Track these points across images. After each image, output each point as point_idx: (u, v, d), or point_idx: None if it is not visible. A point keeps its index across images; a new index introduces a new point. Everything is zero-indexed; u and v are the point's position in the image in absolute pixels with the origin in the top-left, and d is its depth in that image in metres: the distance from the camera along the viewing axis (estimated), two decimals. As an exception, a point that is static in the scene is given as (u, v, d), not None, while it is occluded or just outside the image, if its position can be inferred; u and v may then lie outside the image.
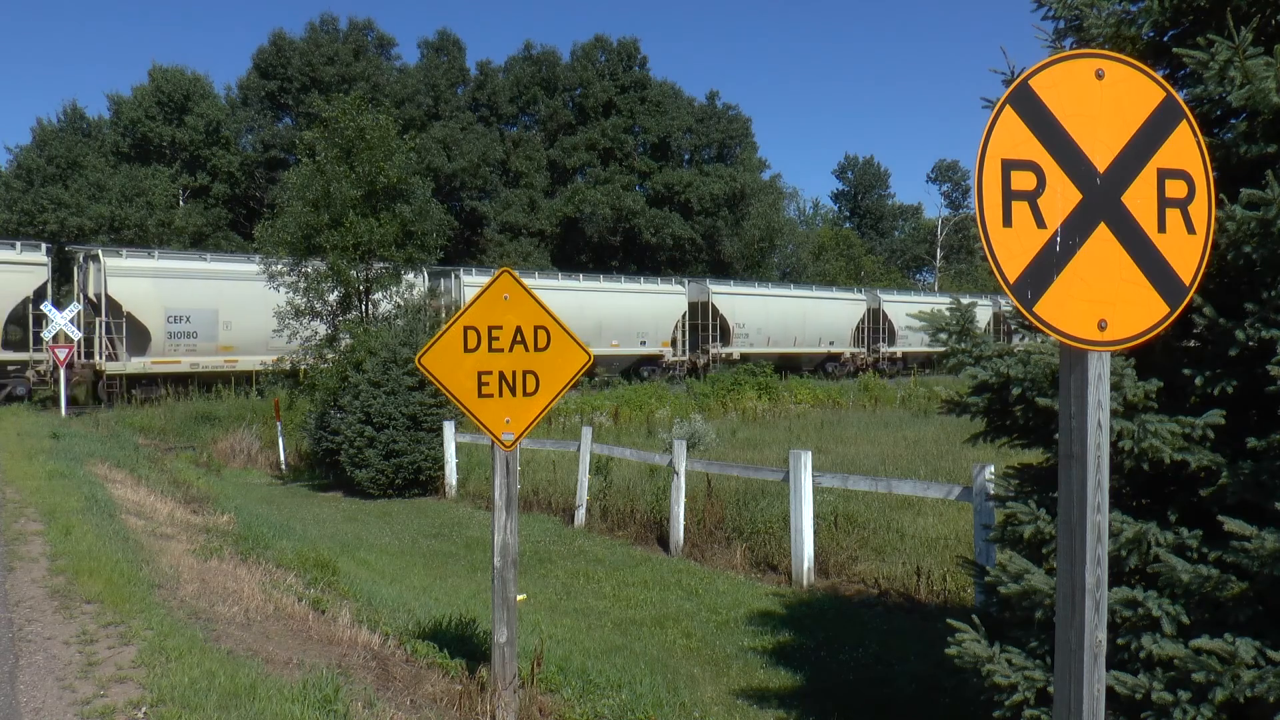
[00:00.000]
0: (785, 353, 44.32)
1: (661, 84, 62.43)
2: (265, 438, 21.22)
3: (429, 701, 5.02)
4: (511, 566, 5.04)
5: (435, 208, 20.60)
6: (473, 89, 59.85)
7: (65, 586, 6.33)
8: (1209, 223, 2.75)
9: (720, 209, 60.49)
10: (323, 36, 54.06)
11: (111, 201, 46.28)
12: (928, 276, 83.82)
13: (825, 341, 46.52)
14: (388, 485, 15.04)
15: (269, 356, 21.77)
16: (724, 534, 10.10)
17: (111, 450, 15.36)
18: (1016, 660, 3.81)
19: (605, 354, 37.12)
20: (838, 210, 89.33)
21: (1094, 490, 2.64)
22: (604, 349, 37.18)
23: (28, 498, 10.06)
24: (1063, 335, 2.63)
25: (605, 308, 38.44)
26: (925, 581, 8.09)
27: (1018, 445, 4.49)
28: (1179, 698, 3.39)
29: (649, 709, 5.32)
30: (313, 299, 18.77)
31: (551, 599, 8.37)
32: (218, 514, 10.84)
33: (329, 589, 7.51)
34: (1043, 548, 3.93)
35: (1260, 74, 3.44)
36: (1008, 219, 2.59)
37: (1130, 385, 3.69)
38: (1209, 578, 3.44)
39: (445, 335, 5.03)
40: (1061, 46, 4.19)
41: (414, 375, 14.93)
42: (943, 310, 4.53)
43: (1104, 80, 2.66)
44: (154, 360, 28.30)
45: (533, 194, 57.07)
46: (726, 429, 20.23)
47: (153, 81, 51.61)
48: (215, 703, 4.30)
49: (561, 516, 12.37)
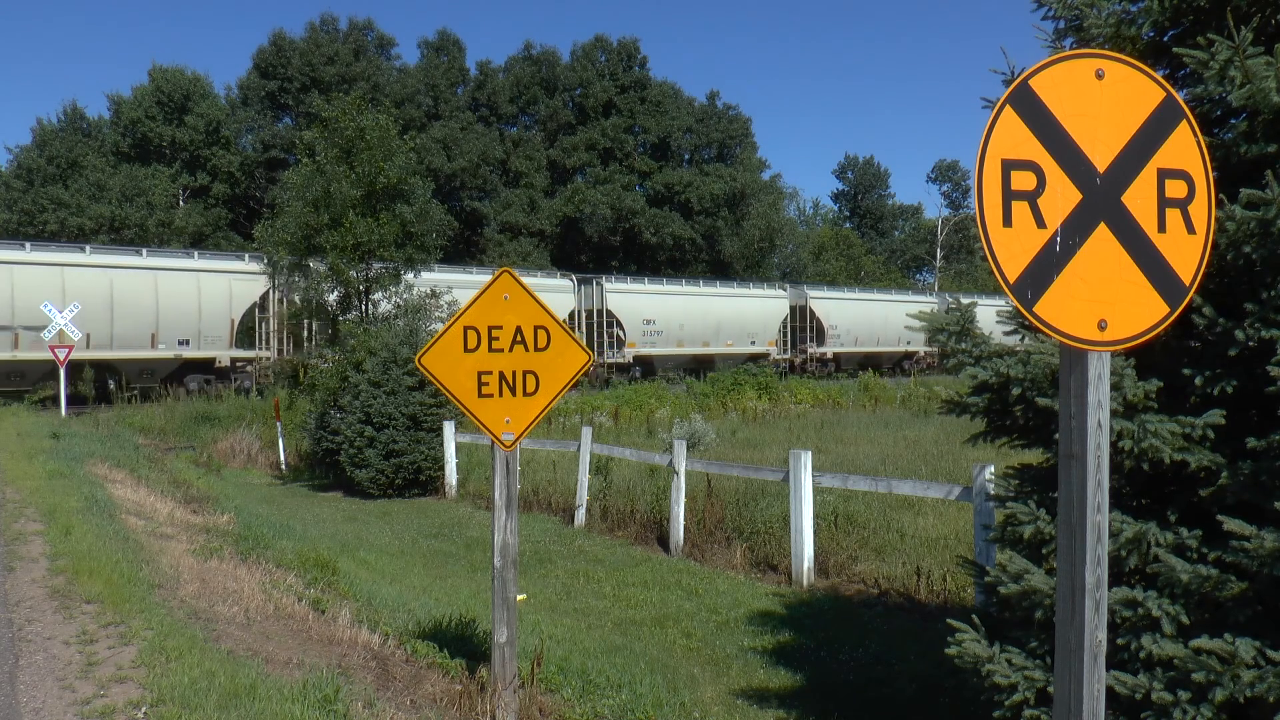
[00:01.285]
0: (868, 351, 46.01)
1: (661, 84, 62.47)
2: (265, 438, 21.22)
3: (429, 701, 5.02)
4: (511, 566, 5.04)
5: (435, 208, 20.60)
6: (473, 89, 59.86)
7: (65, 586, 6.33)
8: (1209, 223, 2.75)
9: (720, 209, 60.51)
10: (323, 36, 54.07)
11: (111, 201, 46.28)
12: (928, 276, 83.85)
13: (903, 341, 47.74)
14: (388, 485, 15.04)
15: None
16: (724, 534, 10.10)
17: (111, 450, 15.35)
18: (1016, 660, 3.81)
19: (721, 353, 40.22)
20: (838, 210, 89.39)
21: (1094, 490, 2.64)
22: (720, 348, 40.11)
23: (28, 498, 10.06)
24: (1063, 335, 2.63)
25: (722, 311, 41.00)
26: (925, 581, 8.08)
27: (1018, 445, 4.49)
28: (1179, 698, 3.39)
29: (649, 709, 5.32)
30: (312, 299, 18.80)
31: (551, 599, 8.37)
32: (218, 514, 10.84)
33: (329, 589, 7.51)
34: (1043, 548, 3.93)
35: (1260, 74, 3.44)
36: (1008, 219, 2.59)
37: (1130, 385, 3.69)
38: (1209, 578, 3.43)
39: (445, 335, 5.03)
40: (1061, 46, 4.19)
41: (414, 375, 14.93)
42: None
43: (1104, 80, 2.66)
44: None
45: (533, 194, 57.09)
46: (726, 429, 20.22)
47: (153, 81, 51.65)
48: (215, 703, 4.30)
49: (561, 516, 12.37)
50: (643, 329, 39.05)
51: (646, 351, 39.18)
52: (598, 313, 38.38)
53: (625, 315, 38.57)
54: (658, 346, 39.53)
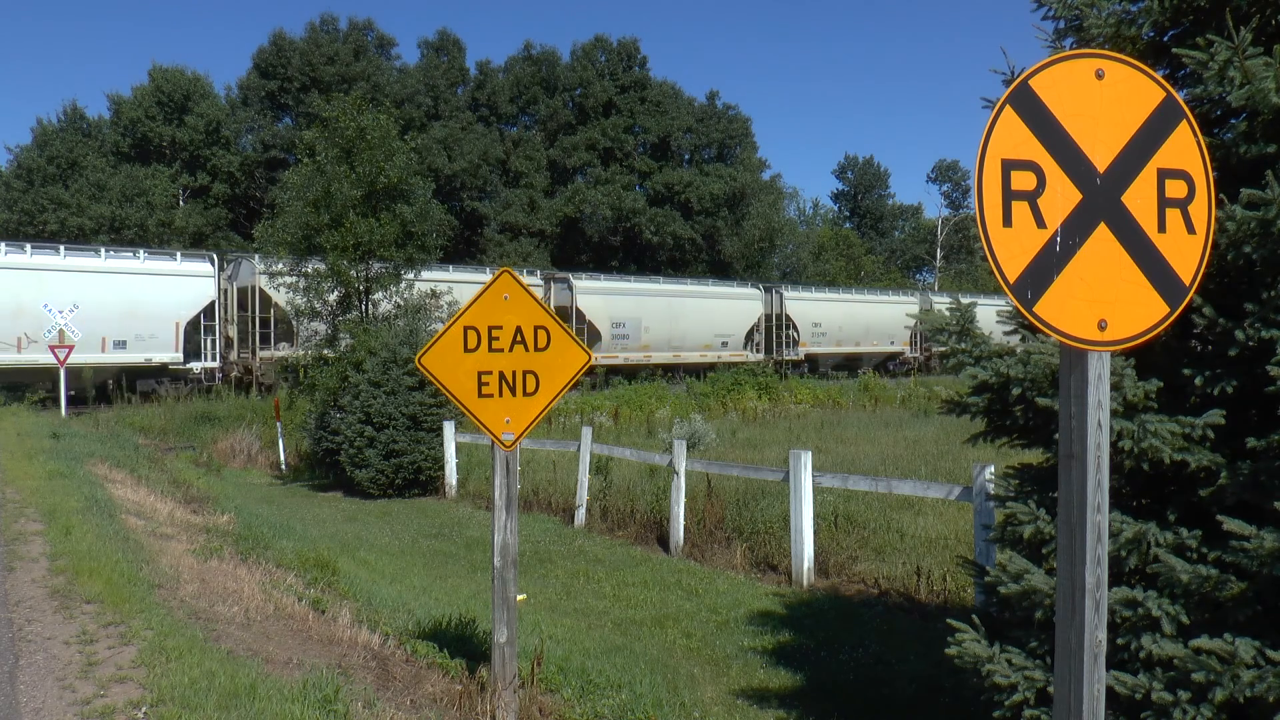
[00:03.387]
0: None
1: (661, 84, 62.43)
2: (265, 438, 21.23)
3: (429, 701, 5.02)
4: (511, 566, 5.04)
5: (436, 208, 20.60)
6: (473, 89, 59.84)
7: (65, 586, 6.33)
8: (1209, 223, 2.75)
9: (720, 209, 60.49)
10: (323, 36, 54.05)
11: (111, 201, 46.28)
12: (928, 276, 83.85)
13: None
14: (388, 485, 15.04)
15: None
16: (724, 534, 10.10)
17: (111, 450, 15.35)
18: (1016, 660, 3.81)
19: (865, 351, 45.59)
20: (838, 210, 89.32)
21: (1094, 490, 2.64)
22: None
23: (28, 498, 10.06)
24: (1063, 335, 2.63)
25: (865, 313, 45.76)
26: (925, 581, 8.08)
27: (1018, 445, 4.49)
28: (1179, 698, 3.39)
29: (649, 709, 5.32)
30: (312, 299, 18.78)
31: (551, 599, 8.37)
32: (218, 514, 10.84)
33: (329, 589, 7.51)
34: (1043, 548, 3.93)
35: (1260, 74, 3.44)
36: (1008, 219, 2.59)
37: (1130, 385, 3.69)
38: (1208, 578, 3.44)
39: (445, 335, 5.03)
40: (1061, 46, 4.19)
41: (414, 375, 14.93)
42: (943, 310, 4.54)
43: (1104, 80, 2.66)
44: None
45: (533, 194, 57.07)
46: (726, 429, 20.22)
47: (153, 81, 51.63)
48: (215, 703, 4.30)
49: (561, 516, 12.37)
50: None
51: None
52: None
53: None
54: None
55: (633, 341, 38.18)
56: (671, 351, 39.39)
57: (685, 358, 39.48)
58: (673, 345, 39.57)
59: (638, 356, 38.00)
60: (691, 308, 40.12)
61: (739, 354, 41.26)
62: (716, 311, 40.96)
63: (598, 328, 36.84)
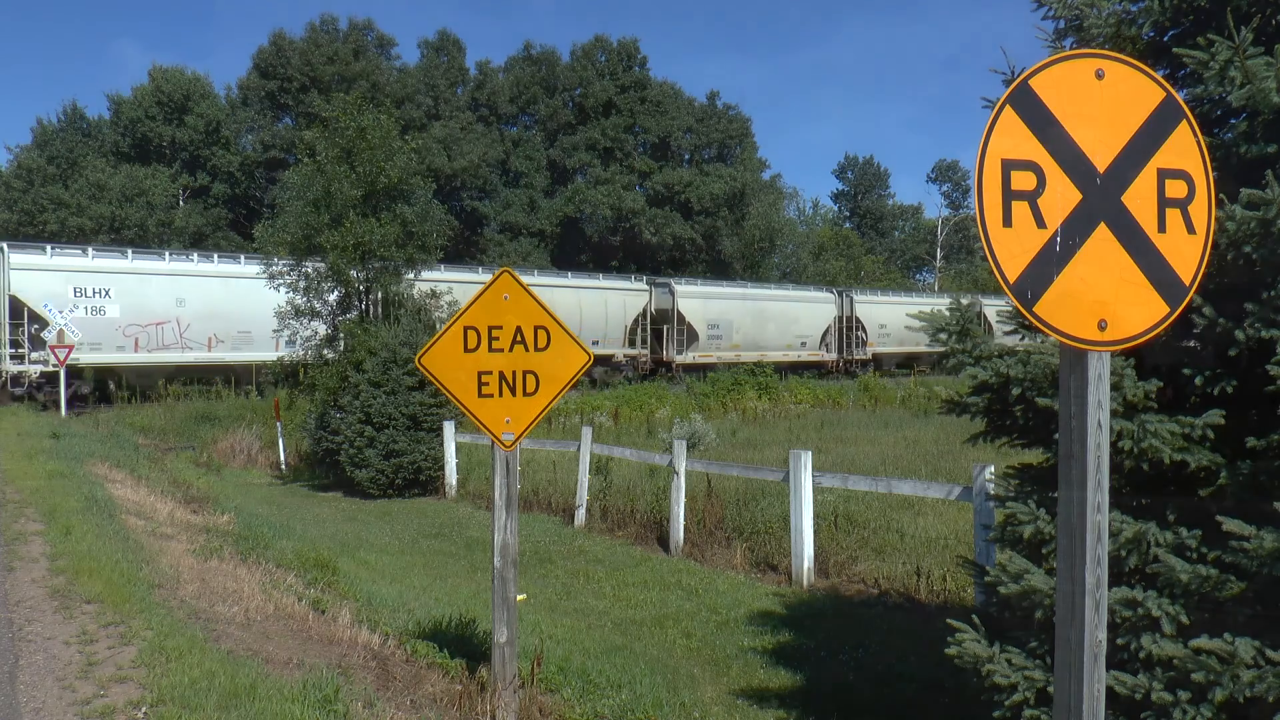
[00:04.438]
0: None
1: (661, 84, 62.38)
2: (265, 438, 21.22)
3: (429, 701, 5.02)
4: (511, 566, 5.04)
5: (436, 208, 20.59)
6: (473, 89, 59.80)
7: (65, 586, 6.33)
8: (1209, 223, 2.75)
9: (720, 209, 60.45)
10: (323, 36, 54.00)
11: (111, 201, 46.26)
12: (928, 276, 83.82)
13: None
14: (388, 485, 15.04)
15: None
16: (724, 534, 10.10)
17: (111, 450, 15.36)
18: (1016, 660, 3.81)
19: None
20: (838, 210, 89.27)
21: (1094, 490, 2.64)
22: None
23: (28, 498, 10.06)
24: (1063, 335, 2.63)
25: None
26: (925, 581, 8.08)
27: (1018, 445, 4.49)
28: (1179, 698, 3.39)
29: (649, 709, 5.32)
30: (312, 299, 18.77)
31: (551, 599, 8.37)
32: (218, 514, 10.84)
33: (329, 589, 7.51)
34: (1043, 548, 3.93)
35: (1260, 74, 3.44)
36: (1008, 219, 2.59)
37: (1130, 385, 3.69)
38: (1208, 578, 3.43)
39: (445, 335, 5.03)
40: (1061, 46, 4.18)
41: (414, 375, 14.92)
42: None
43: (1104, 80, 2.66)
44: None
45: (533, 194, 57.06)
46: (726, 429, 20.22)
47: (153, 81, 51.61)
48: (215, 703, 4.30)
49: (561, 516, 12.36)
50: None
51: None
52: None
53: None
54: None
55: (725, 341, 39.76)
56: (758, 351, 40.45)
57: (770, 357, 40.16)
58: (759, 345, 40.92)
59: (729, 356, 38.99)
60: (774, 311, 41.42)
61: (815, 354, 42.19)
62: (796, 314, 42.33)
63: (695, 329, 38.86)
